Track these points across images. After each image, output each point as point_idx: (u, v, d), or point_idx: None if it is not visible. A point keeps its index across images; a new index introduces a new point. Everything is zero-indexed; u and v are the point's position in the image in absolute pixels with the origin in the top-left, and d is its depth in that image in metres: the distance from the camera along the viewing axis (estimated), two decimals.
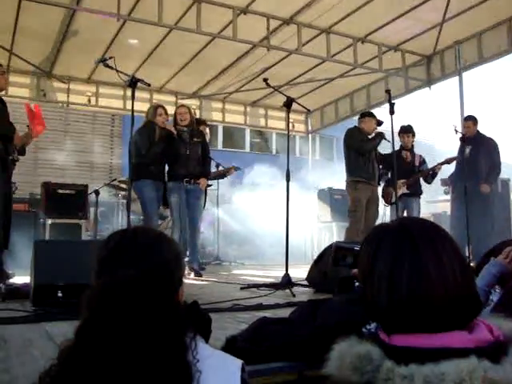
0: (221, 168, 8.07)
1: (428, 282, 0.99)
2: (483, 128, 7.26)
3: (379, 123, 6.81)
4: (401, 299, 1.00)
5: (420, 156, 7.38)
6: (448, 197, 7.94)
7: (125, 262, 1.07)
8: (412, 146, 7.34)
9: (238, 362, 1.06)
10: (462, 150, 7.00)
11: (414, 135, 7.33)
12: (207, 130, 7.17)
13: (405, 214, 7.02)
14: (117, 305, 0.93)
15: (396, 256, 1.03)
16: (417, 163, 7.29)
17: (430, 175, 7.18)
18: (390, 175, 7.27)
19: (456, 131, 6.42)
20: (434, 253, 1.02)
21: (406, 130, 7.25)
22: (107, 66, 4.58)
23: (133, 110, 4.68)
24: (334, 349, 1.00)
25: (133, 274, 0.99)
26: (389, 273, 1.02)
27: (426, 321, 0.97)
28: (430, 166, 7.26)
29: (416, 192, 7.24)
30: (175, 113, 6.34)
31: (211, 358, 1.02)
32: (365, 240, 1.14)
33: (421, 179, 7.27)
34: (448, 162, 7.08)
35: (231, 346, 1.74)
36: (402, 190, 7.03)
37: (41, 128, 5.30)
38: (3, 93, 8.60)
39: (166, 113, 6.29)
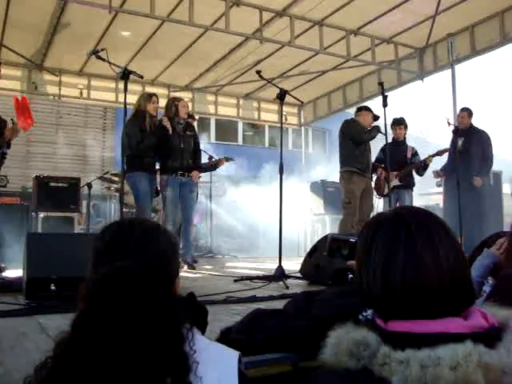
0: (214, 160, 8.02)
1: (422, 270, 1.00)
2: (476, 121, 7.29)
3: (375, 118, 6.80)
4: (395, 287, 1.00)
5: (412, 148, 7.37)
6: (440, 189, 7.97)
7: (122, 253, 1.06)
8: (404, 138, 7.35)
9: (235, 353, 1.07)
10: (454, 142, 7.02)
11: (406, 127, 7.34)
12: (194, 123, 7.16)
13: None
14: (114, 296, 0.93)
15: (391, 243, 1.04)
16: (409, 155, 7.30)
17: (422, 167, 7.19)
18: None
19: (449, 123, 6.43)
20: (429, 240, 1.02)
21: (399, 122, 7.26)
22: (99, 58, 4.56)
23: (125, 103, 4.66)
24: (331, 335, 1.01)
25: (130, 266, 0.99)
26: (384, 260, 1.03)
27: (421, 308, 0.98)
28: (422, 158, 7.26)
29: (408, 184, 7.25)
30: (177, 105, 6.25)
31: (208, 349, 1.03)
32: (362, 229, 1.15)
33: (413, 171, 7.28)
34: (439, 153, 7.08)
35: (226, 338, 1.74)
36: (394, 182, 7.04)
37: (30, 122, 5.26)
38: None
39: (158, 102, 6.27)
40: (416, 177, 7.34)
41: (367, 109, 6.96)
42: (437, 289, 0.99)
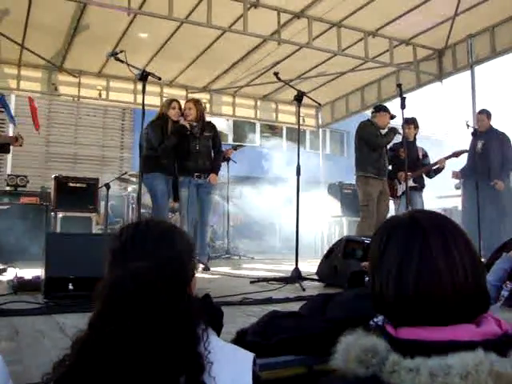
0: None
1: (436, 278, 0.98)
2: (496, 123, 7.19)
3: (392, 117, 6.70)
4: (408, 292, 0.99)
5: (422, 149, 7.26)
6: (459, 192, 7.89)
7: (137, 253, 1.07)
8: (415, 138, 7.22)
9: (250, 355, 1.07)
10: (473, 145, 6.93)
11: (416, 127, 7.18)
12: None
13: (408, 208, 6.96)
14: (129, 296, 0.94)
15: (406, 249, 1.02)
16: (420, 156, 7.21)
17: (433, 170, 7.09)
18: (391, 168, 7.21)
19: (468, 126, 6.35)
20: (445, 247, 1.00)
21: (408, 122, 6.84)
22: (118, 59, 4.59)
23: (143, 104, 4.70)
24: (341, 341, 1.00)
25: (145, 266, 1.00)
26: (397, 266, 1.01)
27: (433, 314, 0.97)
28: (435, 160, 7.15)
29: (419, 186, 7.16)
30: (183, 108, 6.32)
31: (223, 350, 1.03)
32: (376, 232, 1.13)
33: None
34: (455, 155, 6.97)
35: (241, 340, 1.75)
36: (408, 183, 6.95)
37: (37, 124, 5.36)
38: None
39: (180, 108, 6.28)
40: (434, 179, 7.25)
41: (384, 109, 6.80)
42: (451, 295, 0.97)
